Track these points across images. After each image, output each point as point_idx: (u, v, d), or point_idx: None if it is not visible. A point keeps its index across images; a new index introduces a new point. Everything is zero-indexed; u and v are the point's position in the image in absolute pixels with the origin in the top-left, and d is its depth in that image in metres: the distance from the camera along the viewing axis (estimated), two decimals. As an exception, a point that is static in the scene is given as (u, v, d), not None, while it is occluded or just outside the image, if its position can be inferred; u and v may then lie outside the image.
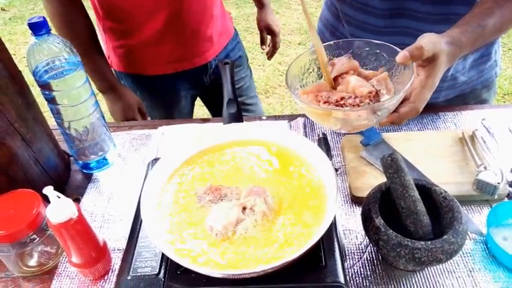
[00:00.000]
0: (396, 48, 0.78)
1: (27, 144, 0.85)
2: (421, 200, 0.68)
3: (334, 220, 0.71)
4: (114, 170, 1.00)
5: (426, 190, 0.72)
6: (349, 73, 0.83)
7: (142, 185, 0.73)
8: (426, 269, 0.74)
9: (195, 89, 1.45)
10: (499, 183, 0.79)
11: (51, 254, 0.79)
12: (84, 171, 0.99)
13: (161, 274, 0.66)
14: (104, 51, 1.34)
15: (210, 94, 1.50)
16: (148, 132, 1.10)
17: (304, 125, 1.06)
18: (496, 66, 1.11)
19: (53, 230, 0.68)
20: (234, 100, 0.88)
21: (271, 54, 1.69)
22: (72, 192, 0.94)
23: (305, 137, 0.86)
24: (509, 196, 0.83)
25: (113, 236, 0.84)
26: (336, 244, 0.67)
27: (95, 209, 0.90)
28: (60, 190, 0.68)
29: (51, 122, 0.94)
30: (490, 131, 0.95)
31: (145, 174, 0.83)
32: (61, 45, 0.83)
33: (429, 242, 0.64)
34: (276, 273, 0.60)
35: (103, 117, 0.96)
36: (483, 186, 0.81)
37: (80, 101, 0.87)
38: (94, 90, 0.94)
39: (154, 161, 0.84)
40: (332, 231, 0.68)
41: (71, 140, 0.93)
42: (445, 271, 0.73)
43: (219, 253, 0.63)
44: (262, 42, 1.66)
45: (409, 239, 0.65)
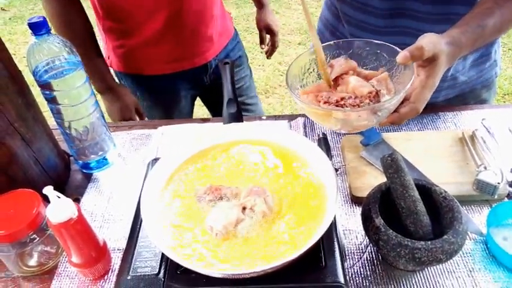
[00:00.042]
0: (396, 48, 0.78)
1: (27, 144, 0.85)
2: (421, 200, 0.68)
3: (334, 220, 0.71)
4: (114, 169, 1.00)
5: (426, 190, 0.72)
6: (348, 73, 0.83)
7: (142, 184, 0.73)
8: (426, 269, 0.74)
9: (195, 89, 1.45)
10: (499, 183, 0.79)
11: (51, 253, 0.79)
12: (84, 171, 0.99)
13: (161, 274, 0.66)
14: (104, 51, 1.34)
15: (210, 94, 1.50)
16: (148, 132, 1.10)
17: (304, 125, 1.06)
18: (495, 66, 1.10)
19: (53, 229, 0.68)
20: (234, 100, 0.88)
21: (270, 53, 1.71)
22: (72, 192, 0.94)
23: (305, 137, 0.86)
24: (509, 196, 0.83)
25: (112, 235, 0.84)
26: (335, 244, 0.67)
27: (94, 209, 0.90)
28: (60, 190, 0.68)
29: (51, 121, 0.94)
30: (490, 131, 0.95)
31: (145, 174, 0.83)
32: (61, 45, 0.83)
33: (429, 242, 0.64)
34: (275, 273, 0.60)
35: (103, 117, 0.96)
36: (483, 186, 0.81)
37: (80, 100, 0.87)
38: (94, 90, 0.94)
39: (154, 161, 0.84)
40: (332, 231, 0.68)
41: (70, 139, 0.93)
42: (445, 271, 0.73)
43: (219, 253, 0.63)
44: (262, 41, 1.69)
45: (409, 239, 0.65)
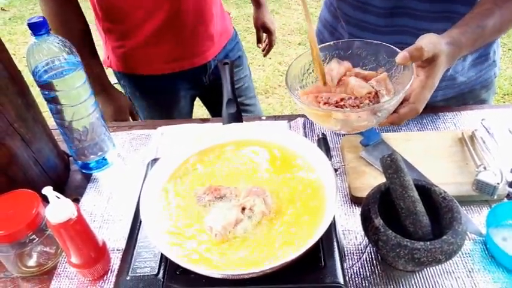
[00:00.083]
0: (396, 48, 0.78)
1: (27, 144, 0.85)
2: (420, 200, 0.68)
3: (334, 220, 0.71)
4: (113, 170, 1.00)
5: (426, 190, 0.72)
6: (346, 74, 0.83)
7: (142, 185, 0.73)
8: (425, 269, 0.74)
9: (195, 89, 1.45)
10: (498, 184, 0.79)
11: (50, 254, 0.79)
12: (84, 172, 0.99)
13: (160, 274, 0.66)
14: (103, 52, 1.34)
15: (210, 94, 1.50)
16: (147, 132, 1.10)
17: (304, 125, 1.06)
18: (495, 66, 1.10)
19: (52, 230, 0.68)
20: (233, 100, 0.88)
21: (267, 51, 1.74)
22: (71, 192, 0.94)
23: (305, 137, 0.86)
24: (509, 196, 0.83)
25: (112, 236, 0.84)
26: (335, 244, 0.67)
27: (94, 209, 0.90)
28: (59, 190, 0.68)
29: (51, 122, 0.94)
30: (490, 131, 0.95)
31: (144, 174, 0.83)
32: (61, 45, 0.83)
33: (428, 242, 0.64)
34: (275, 274, 0.60)
35: (102, 118, 0.96)
36: (483, 187, 0.81)
37: (79, 101, 0.87)
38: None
39: (153, 161, 0.84)
40: (331, 231, 0.68)
41: (70, 140, 0.93)
42: (444, 271, 0.73)
43: (218, 253, 0.63)
44: (259, 40, 1.72)
45: (408, 240, 0.65)
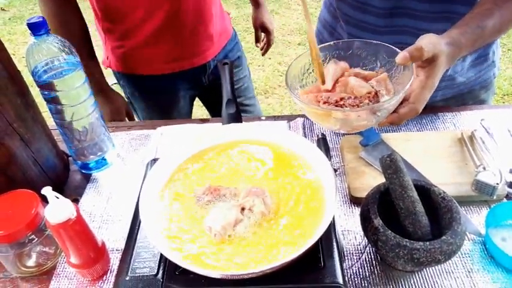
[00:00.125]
0: (396, 48, 0.78)
1: (26, 144, 0.84)
2: (419, 200, 0.68)
3: (333, 220, 0.70)
4: (113, 170, 1.00)
5: (425, 191, 0.72)
6: (344, 75, 0.83)
7: (141, 185, 0.73)
8: (425, 269, 0.74)
9: (194, 89, 1.45)
10: (497, 184, 0.79)
11: (49, 254, 0.79)
12: (83, 172, 0.99)
13: (159, 275, 0.66)
14: (103, 52, 1.34)
15: (209, 94, 1.50)
16: (147, 132, 1.10)
17: (304, 125, 1.06)
18: (494, 67, 1.10)
19: (52, 230, 0.68)
20: (233, 100, 0.88)
21: (265, 51, 1.76)
22: (71, 192, 0.94)
23: (304, 137, 0.86)
24: (508, 197, 0.83)
25: (111, 236, 0.84)
26: (334, 245, 0.67)
27: (93, 210, 0.90)
28: (59, 190, 0.68)
29: (50, 122, 0.94)
30: (489, 131, 0.95)
31: (144, 174, 0.83)
32: (60, 45, 0.83)
33: (428, 242, 0.64)
34: (274, 274, 0.60)
35: (102, 118, 0.96)
36: (482, 187, 0.81)
37: (79, 101, 0.87)
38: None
39: (153, 161, 0.84)
40: (331, 231, 0.68)
41: (69, 140, 0.92)
42: (443, 272, 0.73)
43: (218, 254, 0.63)
44: (257, 40, 1.73)
45: (407, 240, 0.65)
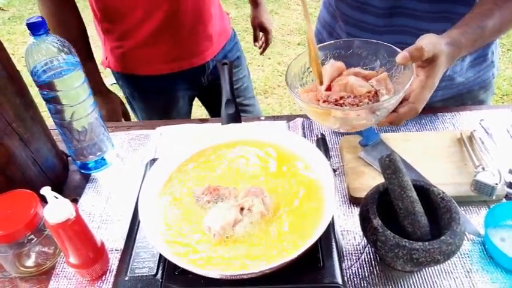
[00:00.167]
0: (396, 48, 0.78)
1: (25, 144, 0.84)
2: (419, 200, 0.68)
3: (332, 221, 0.71)
4: (112, 170, 1.00)
5: (424, 191, 0.72)
6: (343, 74, 0.83)
7: (141, 185, 0.73)
8: (424, 269, 0.74)
9: (193, 89, 1.45)
10: (497, 184, 0.79)
11: (48, 254, 0.79)
12: (82, 172, 0.99)
13: (159, 275, 0.66)
14: (102, 52, 1.34)
15: (208, 94, 1.50)
16: (146, 132, 1.09)
17: (303, 125, 1.06)
18: (493, 67, 1.10)
19: (51, 230, 0.68)
20: (232, 101, 0.88)
21: (263, 49, 1.77)
22: (70, 192, 0.94)
23: (303, 137, 0.86)
24: (507, 197, 0.83)
25: (110, 236, 0.84)
26: (333, 245, 0.67)
27: (92, 210, 0.90)
28: (58, 190, 0.68)
29: (49, 122, 0.94)
30: (488, 131, 0.95)
31: (143, 174, 0.83)
32: (59, 45, 0.83)
33: (427, 242, 0.64)
34: (273, 274, 0.60)
35: (101, 118, 0.96)
36: (481, 187, 0.81)
37: (78, 101, 0.87)
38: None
39: (152, 161, 0.84)
40: (330, 231, 0.68)
41: (69, 140, 0.92)
42: (442, 272, 0.73)
43: (217, 254, 0.63)
44: (255, 39, 1.75)
45: (407, 240, 0.65)
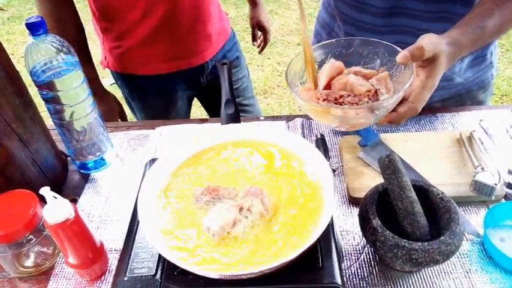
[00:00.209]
0: (397, 47, 0.78)
1: (25, 144, 0.84)
2: (418, 201, 0.69)
3: (332, 221, 0.71)
4: (111, 170, 1.00)
5: (423, 191, 0.72)
6: (343, 72, 0.83)
7: (140, 185, 0.73)
8: (423, 270, 0.74)
9: (192, 89, 1.45)
10: (496, 184, 0.79)
11: (47, 254, 0.79)
12: (82, 172, 0.99)
13: (158, 275, 0.66)
14: (101, 53, 1.34)
15: (207, 95, 1.50)
16: (146, 132, 1.09)
17: (302, 125, 1.06)
18: (492, 68, 1.10)
19: (50, 230, 0.68)
20: (232, 101, 0.88)
21: (262, 48, 1.78)
22: (69, 192, 0.94)
23: (303, 137, 0.86)
24: (507, 197, 0.83)
25: (110, 236, 0.84)
26: (333, 245, 0.67)
27: (92, 210, 0.90)
28: (57, 190, 0.68)
29: (49, 122, 0.94)
30: (488, 132, 0.95)
31: (142, 174, 0.83)
32: (58, 45, 0.83)
33: (426, 243, 0.64)
34: (273, 274, 0.60)
35: (100, 117, 0.96)
36: (480, 187, 0.81)
37: (77, 101, 0.87)
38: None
39: (152, 162, 0.84)
40: (329, 232, 0.68)
41: (68, 140, 0.92)
42: (442, 272, 0.73)
43: (216, 254, 0.63)
44: (254, 38, 1.75)
45: (406, 240, 0.65)
